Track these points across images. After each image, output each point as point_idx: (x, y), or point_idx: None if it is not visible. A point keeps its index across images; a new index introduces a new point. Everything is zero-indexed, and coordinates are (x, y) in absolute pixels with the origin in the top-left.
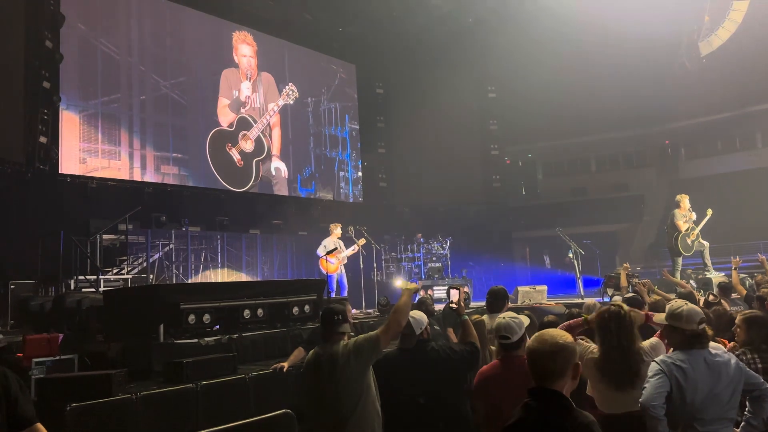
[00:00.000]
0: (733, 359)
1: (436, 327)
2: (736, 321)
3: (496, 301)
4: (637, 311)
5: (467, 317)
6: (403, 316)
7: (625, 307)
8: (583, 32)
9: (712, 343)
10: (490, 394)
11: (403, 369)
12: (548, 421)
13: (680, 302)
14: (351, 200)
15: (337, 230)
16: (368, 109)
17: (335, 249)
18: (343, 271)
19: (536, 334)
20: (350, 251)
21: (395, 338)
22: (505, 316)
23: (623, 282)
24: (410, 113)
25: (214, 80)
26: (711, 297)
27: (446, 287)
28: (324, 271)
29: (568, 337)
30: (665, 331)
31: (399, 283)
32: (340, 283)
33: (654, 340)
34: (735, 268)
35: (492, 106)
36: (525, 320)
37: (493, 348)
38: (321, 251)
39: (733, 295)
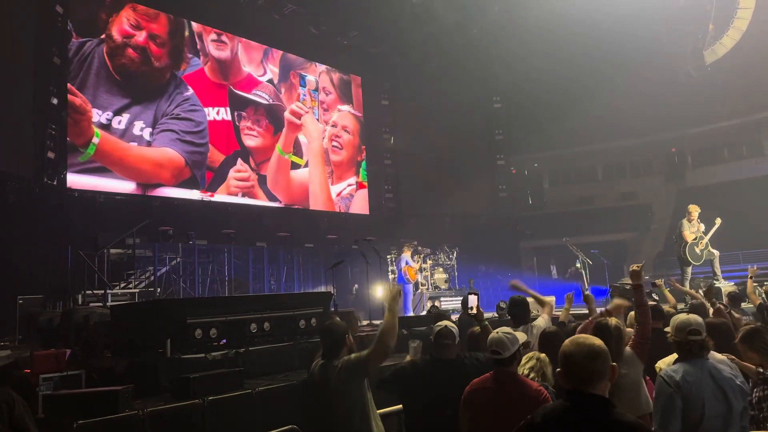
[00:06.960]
0: (739, 377)
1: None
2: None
3: (519, 309)
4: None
5: (487, 323)
6: (391, 338)
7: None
8: (589, 42)
9: (717, 355)
10: (477, 406)
11: (434, 379)
12: (592, 418)
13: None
14: (357, 212)
15: (409, 249)
16: (374, 121)
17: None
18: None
19: (570, 338)
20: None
21: (383, 361)
22: (499, 331)
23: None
24: (416, 124)
25: None
26: (719, 306)
27: (452, 299)
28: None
29: (601, 342)
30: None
31: (380, 294)
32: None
33: (628, 350)
34: (751, 277)
35: (497, 116)
36: (521, 336)
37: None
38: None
39: (743, 305)
